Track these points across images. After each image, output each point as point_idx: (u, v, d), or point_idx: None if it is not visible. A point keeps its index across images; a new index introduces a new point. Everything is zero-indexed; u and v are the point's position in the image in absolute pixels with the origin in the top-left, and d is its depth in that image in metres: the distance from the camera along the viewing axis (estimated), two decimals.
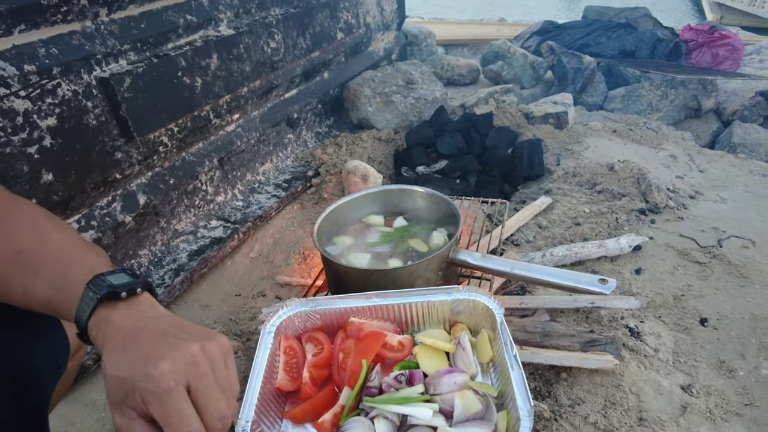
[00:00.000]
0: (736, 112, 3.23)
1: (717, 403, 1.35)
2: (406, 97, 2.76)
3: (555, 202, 2.27)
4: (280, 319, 1.17)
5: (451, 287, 1.19)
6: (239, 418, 0.93)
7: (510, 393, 0.94)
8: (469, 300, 1.17)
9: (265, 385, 1.02)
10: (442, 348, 1.12)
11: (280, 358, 1.12)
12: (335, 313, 1.20)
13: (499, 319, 1.09)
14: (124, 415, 0.62)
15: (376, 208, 1.67)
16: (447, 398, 0.96)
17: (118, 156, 1.70)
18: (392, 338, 1.15)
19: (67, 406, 1.46)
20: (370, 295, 1.20)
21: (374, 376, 1.05)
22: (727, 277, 1.82)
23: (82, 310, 0.67)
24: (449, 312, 1.19)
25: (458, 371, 1.02)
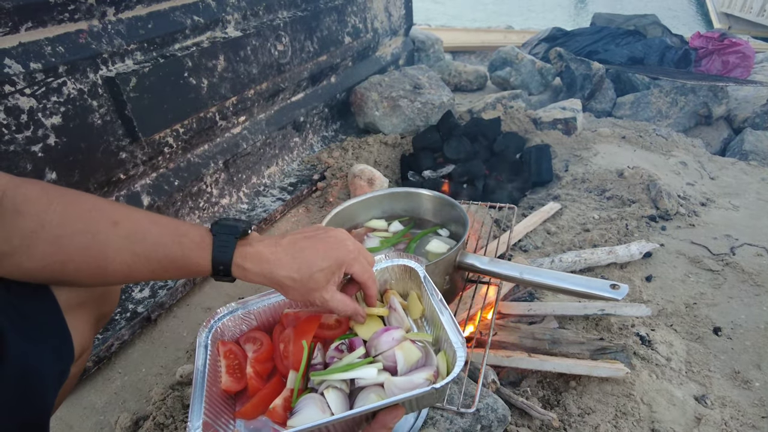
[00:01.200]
0: (748, 120, 3.18)
1: (732, 415, 1.31)
2: (413, 101, 2.75)
3: (564, 208, 2.24)
4: (215, 327, 1.14)
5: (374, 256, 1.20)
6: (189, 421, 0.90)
7: (443, 335, 0.97)
8: (393, 265, 1.18)
9: (211, 389, 1.00)
10: (375, 312, 1.12)
11: (222, 363, 1.10)
12: (269, 309, 1.19)
13: (422, 274, 1.11)
14: (329, 291, 0.93)
15: (382, 211, 1.64)
16: (388, 355, 0.98)
17: (123, 156, 1.69)
18: (328, 317, 1.14)
19: (65, 409, 1.44)
20: None
21: (317, 354, 1.06)
22: (740, 286, 1.78)
23: (223, 251, 0.83)
24: (379, 282, 1.19)
25: (393, 328, 1.04)
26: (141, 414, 1.43)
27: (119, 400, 1.49)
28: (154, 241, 0.80)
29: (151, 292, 1.77)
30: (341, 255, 0.93)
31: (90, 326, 0.88)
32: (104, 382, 1.53)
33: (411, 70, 3.01)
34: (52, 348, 0.78)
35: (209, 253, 0.83)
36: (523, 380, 1.44)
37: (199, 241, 0.83)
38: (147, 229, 0.81)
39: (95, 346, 1.54)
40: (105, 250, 0.77)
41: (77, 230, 0.76)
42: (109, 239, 0.78)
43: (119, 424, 1.38)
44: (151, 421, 1.36)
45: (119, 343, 1.61)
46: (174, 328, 1.74)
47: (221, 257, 0.83)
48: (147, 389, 1.51)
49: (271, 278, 0.88)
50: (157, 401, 1.43)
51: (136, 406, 1.47)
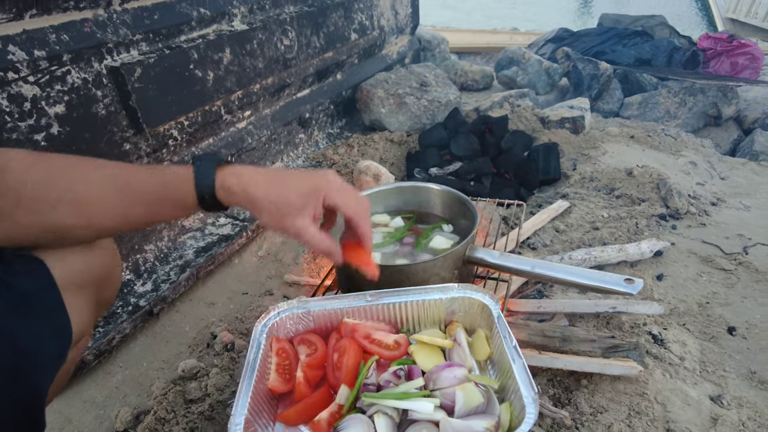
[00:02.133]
0: (758, 120, 3.15)
1: (750, 416, 1.27)
2: (419, 99, 2.72)
3: (572, 207, 2.20)
4: (271, 321, 1.13)
5: (445, 285, 1.15)
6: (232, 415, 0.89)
7: (512, 385, 0.91)
8: (465, 298, 1.13)
9: (257, 386, 0.98)
10: (439, 344, 1.08)
11: (272, 360, 1.08)
12: (328, 314, 1.16)
13: (496, 314, 1.06)
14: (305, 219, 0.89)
15: (388, 206, 1.61)
16: (447, 392, 0.93)
17: (127, 147, 1.67)
18: (387, 337, 1.11)
19: (64, 402, 1.41)
20: (364, 294, 1.16)
21: (371, 374, 1.02)
22: (754, 285, 1.74)
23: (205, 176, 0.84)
24: (445, 311, 1.16)
25: (457, 365, 0.99)
26: (142, 408, 1.40)
27: (120, 394, 1.46)
28: (138, 180, 0.82)
29: (154, 285, 1.74)
30: (320, 182, 0.91)
31: (90, 310, 0.85)
32: (105, 376, 1.51)
33: (418, 68, 2.99)
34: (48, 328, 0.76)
35: (192, 181, 0.84)
36: (534, 378, 1.40)
37: (183, 172, 0.85)
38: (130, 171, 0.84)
39: (96, 339, 1.52)
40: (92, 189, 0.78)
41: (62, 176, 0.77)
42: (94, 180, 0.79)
43: (119, 419, 1.35)
44: (152, 416, 1.33)
45: (120, 337, 1.58)
46: (176, 322, 1.71)
47: (204, 181, 0.84)
48: (148, 384, 1.48)
49: (248, 197, 0.86)
50: (159, 396, 1.40)
51: (137, 400, 1.44)
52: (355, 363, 1.04)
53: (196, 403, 1.38)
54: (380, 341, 1.10)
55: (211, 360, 1.53)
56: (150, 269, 1.80)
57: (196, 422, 1.32)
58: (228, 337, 1.57)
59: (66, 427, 1.36)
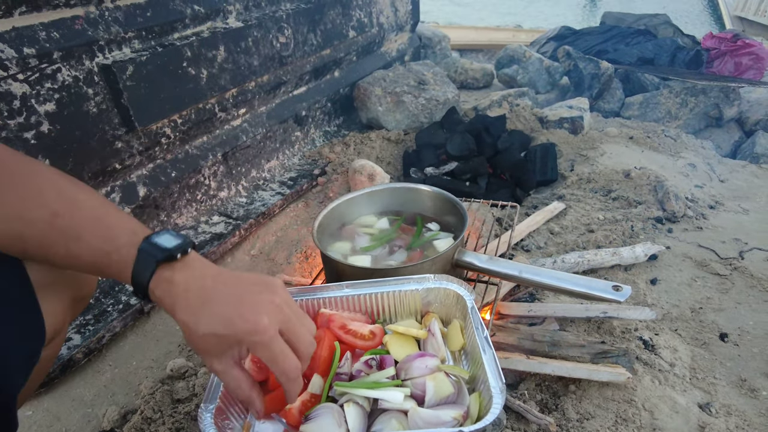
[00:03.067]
0: (760, 122, 3.12)
1: (738, 425, 1.26)
2: (417, 97, 2.70)
3: (568, 208, 2.19)
4: None
5: (422, 276, 1.16)
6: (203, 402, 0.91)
7: (482, 376, 0.92)
8: (440, 288, 1.14)
9: None
10: (413, 334, 1.09)
11: None
12: (306, 304, 1.17)
13: (470, 305, 1.07)
14: (222, 363, 0.77)
15: (380, 207, 1.60)
16: (418, 382, 0.95)
17: (119, 146, 1.66)
18: (363, 327, 1.12)
19: (53, 400, 1.41)
20: (342, 285, 1.17)
21: (344, 363, 1.03)
22: (749, 291, 1.72)
23: (141, 273, 0.73)
24: (421, 302, 1.17)
25: (429, 355, 1.00)
26: (129, 407, 1.40)
27: (108, 393, 1.46)
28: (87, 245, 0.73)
29: None
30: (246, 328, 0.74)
31: (63, 308, 0.84)
32: (94, 375, 1.51)
33: (416, 66, 2.97)
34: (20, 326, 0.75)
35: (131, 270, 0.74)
36: (521, 383, 1.40)
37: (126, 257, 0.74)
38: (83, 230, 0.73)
39: (85, 338, 1.52)
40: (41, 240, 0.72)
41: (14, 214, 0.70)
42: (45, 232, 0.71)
43: (107, 417, 1.36)
44: (138, 416, 1.33)
45: (110, 335, 1.58)
46: (167, 321, 1.71)
47: (138, 279, 0.74)
48: (137, 383, 1.48)
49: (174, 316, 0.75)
50: (146, 395, 1.40)
51: (125, 399, 1.44)
52: (329, 353, 1.05)
53: (183, 403, 1.38)
54: (355, 331, 1.11)
55: (200, 359, 1.53)
56: None
57: (182, 422, 1.32)
58: None
59: (54, 425, 1.37)
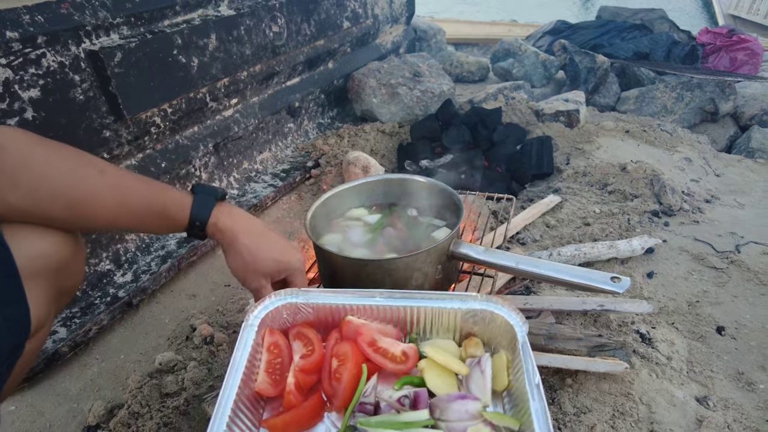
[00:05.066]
0: (755, 117, 3.11)
1: (736, 418, 1.25)
2: (412, 89, 2.67)
3: (564, 202, 2.17)
4: (266, 311, 1.02)
5: (466, 294, 1.04)
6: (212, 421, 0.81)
7: (528, 428, 0.79)
8: (487, 311, 1.01)
9: (243, 389, 0.89)
10: (455, 370, 0.96)
11: (262, 357, 0.99)
12: (331, 309, 1.06)
13: (521, 339, 0.92)
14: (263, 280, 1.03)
15: (374, 198, 1.57)
16: (455, 427, 0.83)
17: (107, 134, 1.62)
18: (394, 346, 1.01)
19: (37, 395, 1.38)
20: (374, 293, 1.05)
21: (369, 390, 0.92)
22: (746, 284, 1.71)
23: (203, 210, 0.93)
24: (461, 322, 1.05)
25: (471, 398, 0.87)
26: (116, 402, 1.37)
27: (95, 387, 1.43)
28: (139, 194, 0.88)
29: (134, 276, 1.70)
30: (295, 261, 1.06)
31: (48, 300, 0.81)
32: (80, 369, 1.47)
33: (411, 58, 2.94)
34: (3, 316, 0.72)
35: (189, 208, 0.92)
36: None
37: (180, 198, 0.93)
38: (131, 183, 0.88)
39: (72, 331, 1.48)
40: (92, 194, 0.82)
41: (65, 170, 0.80)
42: (96, 185, 0.83)
43: (92, 413, 1.32)
44: (125, 410, 1.30)
45: (98, 328, 1.55)
46: (156, 314, 1.68)
47: (200, 213, 0.93)
48: (124, 376, 1.45)
49: (234, 241, 0.96)
50: (134, 389, 1.37)
51: (112, 393, 1.40)
52: (355, 376, 0.95)
53: (172, 397, 1.35)
54: (386, 350, 0.99)
55: (190, 353, 1.50)
56: (131, 260, 1.76)
57: (171, 417, 1.29)
58: (207, 330, 1.53)
59: (37, 420, 1.33)
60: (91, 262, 1.65)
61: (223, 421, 0.82)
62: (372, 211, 1.53)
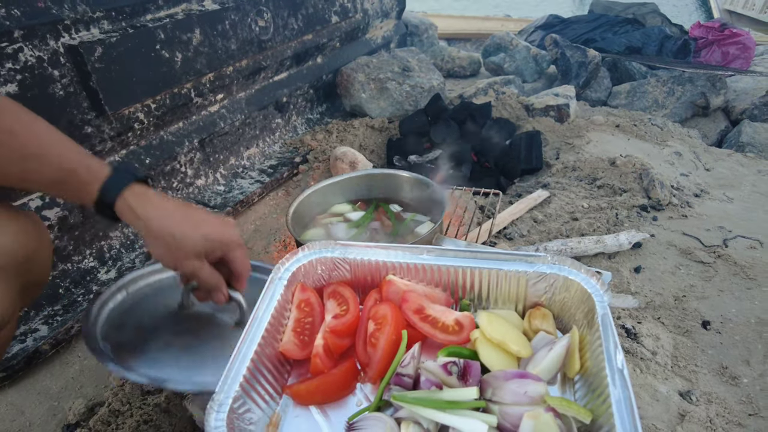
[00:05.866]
0: (746, 111, 3.10)
1: (718, 412, 1.24)
2: (401, 84, 2.66)
3: (552, 196, 2.16)
4: (298, 264, 0.91)
5: (533, 254, 0.89)
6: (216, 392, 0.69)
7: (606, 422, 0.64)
8: (559, 276, 0.85)
9: (264, 349, 0.78)
10: (513, 351, 0.79)
11: (291, 314, 0.87)
12: (371, 265, 0.93)
13: (601, 311, 0.77)
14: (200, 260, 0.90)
15: (358, 193, 1.56)
16: (510, 412, 0.69)
17: (88, 130, 1.60)
18: (446, 315, 0.87)
19: (17, 393, 1.36)
20: (422, 249, 0.92)
21: (409, 361, 0.78)
22: (732, 279, 1.71)
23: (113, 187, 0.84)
24: (527, 288, 0.89)
25: (532, 378, 0.72)
26: (97, 400, 1.35)
27: (76, 385, 1.41)
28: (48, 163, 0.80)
29: (118, 273, 1.69)
30: (228, 236, 0.93)
31: (11, 294, 0.80)
32: (61, 367, 1.46)
33: (400, 53, 2.92)
34: None
35: (101, 183, 0.83)
36: None
37: (97, 168, 0.84)
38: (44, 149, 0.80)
39: (53, 329, 1.47)
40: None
41: None
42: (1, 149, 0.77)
43: (73, 411, 1.31)
44: (105, 408, 1.29)
45: (80, 326, 1.53)
46: None
47: (112, 189, 0.84)
48: (106, 375, 1.43)
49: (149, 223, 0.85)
50: (115, 387, 1.35)
51: (94, 391, 1.39)
52: (394, 343, 0.81)
53: (153, 394, 1.34)
54: (436, 319, 0.85)
55: None
56: (115, 256, 1.75)
57: (152, 414, 1.27)
58: None
59: (17, 419, 1.32)
60: (74, 259, 1.64)
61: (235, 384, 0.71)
62: (356, 207, 1.52)
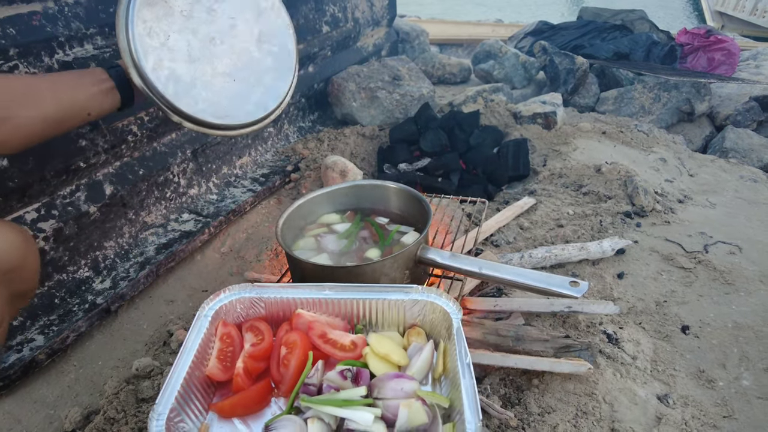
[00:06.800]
0: (730, 117, 3.17)
1: (694, 415, 1.29)
2: (391, 93, 2.70)
3: (539, 203, 2.21)
4: (220, 303, 1.09)
5: (408, 286, 1.12)
6: (156, 404, 0.87)
7: (459, 405, 0.87)
8: (426, 302, 1.09)
9: (193, 371, 0.96)
10: (394, 361, 1.04)
11: (215, 345, 1.05)
12: (282, 302, 1.13)
13: (456, 325, 1.02)
14: None
15: (346, 204, 1.60)
16: (391, 404, 0.90)
17: (83, 144, 1.64)
18: (344, 337, 1.08)
19: (14, 402, 1.39)
20: (323, 287, 1.13)
21: (313, 373, 0.99)
22: (711, 284, 1.76)
23: None
24: (405, 313, 1.12)
25: (407, 378, 0.96)
26: (93, 408, 1.39)
27: (72, 393, 1.45)
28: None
29: (113, 283, 1.72)
30: None
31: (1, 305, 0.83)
32: (57, 375, 1.49)
33: (391, 61, 2.97)
34: None
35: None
36: (486, 377, 1.41)
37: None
38: None
39: (49, 338, 1.50)
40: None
41: None
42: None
43: (69, 419, 1.34)
44: (101, 416, 1.32)
45: (75, 335, 1.56)
46: (135, 320, 1.70)
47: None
48: (102, 383, 1.47)
49: None
50: (110, 395, 1.39)
51: (89, 400, 1.43)
52: (303, 362, 1.01)
53: (148, 402, 1.37)
54: (335, 341, 1.06)
55: (167, 358, 1.52)
56: (110, 266, 1.78)
57: (146, 422, 1.31)
58: (183, 335, 1.56)
59: (14, 428, 1.35)
60: (69, 270, 1.67)
61: (171, 398, 0.87)
62: (344, 218, 1.56)
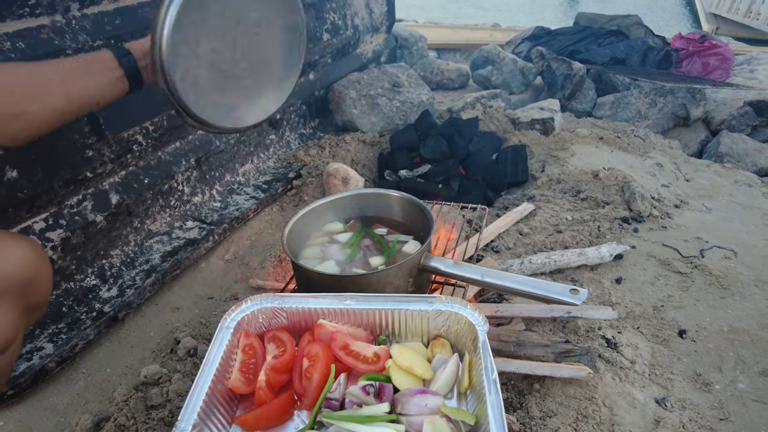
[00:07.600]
0: (725, 122, 3.21)
1: (691, 417, 1.32)
2: (391, 100, 2.73)
3: (537, 209, 2.24)
4: (242, 314, 1.10)
5: (432, 296, 1.12)
6: (179, 420, 0.87)
7: (485, 422, 0.86)
8: (451, 312, 1.09)
9: (216, 385, 0.96)
10: (419, 375, 1.02)
11: (237, 357, 1.06)
12: (304, 312, 1.13)
13: (482, 338, 1.00)
14: None
15: (350, 212, 1.63)
16: (414, 421, 0.90)
17: (89, 154, 1.66)
18: (366, 349, 1.07)
19: (25, 410, 1.42)
20: (345, 296, 1.13)
21: (336, 387, 0.99)
22: (707, 288, 1.79)
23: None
24: (429, 324, 1.11)
25: (431, 393, 0.95)
26: (103, 415, 1.41)
27: (81, 401, 1.47)
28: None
29: (119, 291, 1.75)
30: None
31: (15, 316, 0.85)
32: (67, 383, 1.51)
33: (390, 68, 3.00)
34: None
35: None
36: None
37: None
38: None
39: (58, 347, 1.52)
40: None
41: None
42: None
43: (80, 426, 1.36)
44: (112, 423, 1.34)
45: (84, 343, 1.59)
46: (141, 327, 1.72)
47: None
48: (111, 390, 1.49)
49: None
50: (120, 402, 1.41)
51: (99, 407, 1.45)
52: (326, 376, 1.00)
53: (157, 409, 1.40)
54: (358, 353, 1.05)
55: (174, 365, 1.54)
56: (116, 274, 1.80)
57: (156, 428, 1.33)
58: (191, 343, 1.58)
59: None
60: (77, 278, 1.69)
61: (194, 413, 0.88)
62: (347, 227, 1.59)
